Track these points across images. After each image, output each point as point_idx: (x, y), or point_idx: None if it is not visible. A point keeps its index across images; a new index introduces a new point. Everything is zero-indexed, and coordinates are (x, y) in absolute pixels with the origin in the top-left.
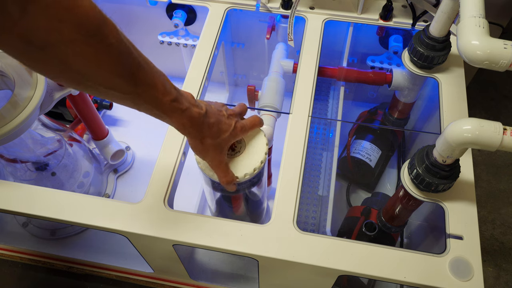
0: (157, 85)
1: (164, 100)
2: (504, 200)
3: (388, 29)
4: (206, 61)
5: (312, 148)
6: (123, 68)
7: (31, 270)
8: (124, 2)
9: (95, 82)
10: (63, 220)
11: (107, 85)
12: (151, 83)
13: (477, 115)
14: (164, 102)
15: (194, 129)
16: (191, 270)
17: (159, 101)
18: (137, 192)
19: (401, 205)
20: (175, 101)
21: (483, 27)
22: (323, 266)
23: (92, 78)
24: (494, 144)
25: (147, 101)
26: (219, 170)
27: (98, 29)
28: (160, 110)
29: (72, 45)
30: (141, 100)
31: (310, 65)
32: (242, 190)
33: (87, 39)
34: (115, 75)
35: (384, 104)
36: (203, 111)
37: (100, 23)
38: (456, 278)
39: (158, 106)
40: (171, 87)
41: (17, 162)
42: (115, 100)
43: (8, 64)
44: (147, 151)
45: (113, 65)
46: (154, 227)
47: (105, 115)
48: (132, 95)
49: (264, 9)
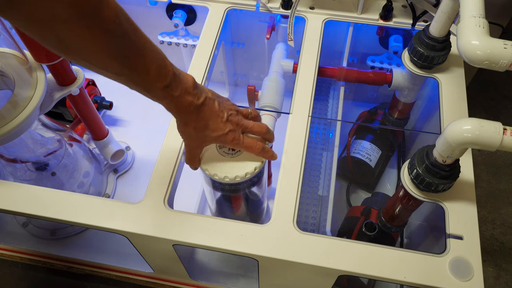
0: (150, 70)
1: (156, 85)
2: (504, 200)
3: (388, 29)
4: (206, 61)
5: (312, 148)
6: (117, 52)
7: (31, 270)
8: (124, 2)
9: (89, 61)
10: (63, 220)
11: (100, 66)
12: (145, 68)
13: (477, 115)
14: (155, 87)
15: (179, 115)
16: (191, 270)
17: (150, 85)
18: (137, 192)
19: (401, 205)
20: (167, 87)
21: (483, 27)
22: (323, 266)
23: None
24: (494, 144)
25: (137, 83)
26: (188, 153)
27: (95, 10)
28: (150, 94)
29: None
30: (132, 82)
31: (310, 65)
32: (243, 189)
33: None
34: (108, 57)
35: (384, 104)
36: (197, 102)
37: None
38: (456, 278)
39: (148, 90)
40: (167, 72)
41: (17, 162)
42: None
43: (8, 64)
44: (147, 151)
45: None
46: (154, 227)
47: (105, 115)
48: (124, 77)
49: (264, 9)
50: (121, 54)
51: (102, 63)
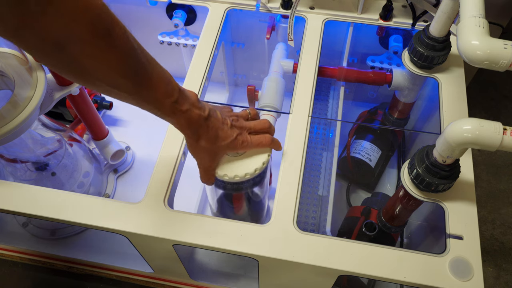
0: (159, 87)
1: (165, 102)
2: (504, 200)
3: (388, 29)
4: (206, 61)
5: (312, 148)
6: (128, 69)
7: (31, 270)
8: (124, 2)
9: (102, 81)
10: (63, 220)
11: (112, 85)
12: (154, 84)
13: (477, 115)
14: (165, 104)
15: (190, 130)
16: (191, 270)
17: (160, 102)
18: (137, 192)
19: (401, 205)
20: (176, 102)
21: (483, 27)
22: (323, 266)
23: (99, 77)
24: (494, 144)
25: (149, 101)
26: (203, 173)
27: (108, 31)
28: (160, 111)
29: (82, 44)
30: (143, 100)
31: (310, 65)
32: (243, 189)
33: (96, 40)
34: (120, 76)
35: (384, 104)
36: (204, 114)
37: (109, 24)
38: (456, 278)
39: (159, 107)
40: (174, 88)
41: (17, 162)
42: (118, 98)
43: (8, 64)
44: (147, 151)
45: (119, 66)
46: (154, 227)
47: (105, 115)
48: (135, 96)
49: (264, 9)
50: (132, 70)
51: (115, 82)
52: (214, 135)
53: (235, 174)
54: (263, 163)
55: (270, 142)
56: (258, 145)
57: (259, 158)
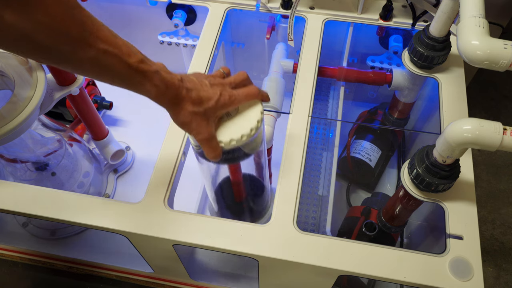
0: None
1: (130, 61)
2: (504, 200)
3: (388, 29)
4: (206, 61)
5: (312, 148)
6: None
7: (31, 270)
8: (124, 2)
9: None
10: (63, 220)
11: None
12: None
13: (477, 115)
14: (131, 64)
15: (170, 91)
16: (191, 270)
17: (124, 62)
18: (137, 192)
19: (401, 205)
20: (142, 62)
21: (483, 27)
22: (323, 266)
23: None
24: (494, 144)
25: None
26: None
27: None
28: (127, 74)
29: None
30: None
31: (310, 65)
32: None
33: None
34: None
35: (384, 104)
36: (177, 76)
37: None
38: (456, 278)
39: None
40: (137, 51)
41: (17, 162)
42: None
43: (8, 64)
44: (147, 151)
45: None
46: (154, 227)
47: (105, 115)
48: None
49: (264, 9)
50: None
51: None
52: (196, 96)
53: (230, 138)
54: (258, 121)
55: (257, 91)
56: (246, 97)
57: (252, 118)
